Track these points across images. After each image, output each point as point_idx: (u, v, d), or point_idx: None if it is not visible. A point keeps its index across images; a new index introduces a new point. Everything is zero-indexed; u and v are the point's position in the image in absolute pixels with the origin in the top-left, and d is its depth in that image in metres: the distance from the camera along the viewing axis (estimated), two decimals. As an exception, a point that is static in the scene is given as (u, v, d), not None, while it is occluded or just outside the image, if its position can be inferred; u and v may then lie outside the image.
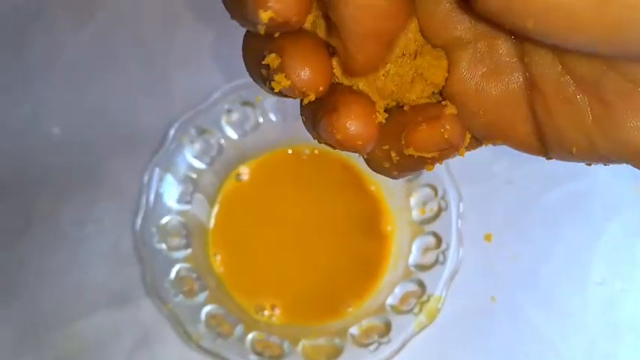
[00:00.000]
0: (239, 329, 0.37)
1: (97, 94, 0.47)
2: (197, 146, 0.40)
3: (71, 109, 0.46)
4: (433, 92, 0.17)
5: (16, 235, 0.43)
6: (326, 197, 0.42)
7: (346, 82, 0.16)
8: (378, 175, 0.42)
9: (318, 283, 0.41)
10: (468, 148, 0.17)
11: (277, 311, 0.40)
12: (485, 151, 0.47)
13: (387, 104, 0.16)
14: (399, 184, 0.41)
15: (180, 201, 0.40)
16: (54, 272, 0.42)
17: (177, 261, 0.38)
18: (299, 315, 0.40)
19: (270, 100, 0.41)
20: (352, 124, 0.15)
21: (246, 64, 0.16)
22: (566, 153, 0.16)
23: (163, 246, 0.38)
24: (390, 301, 0.38)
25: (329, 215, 0.42)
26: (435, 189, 0.40)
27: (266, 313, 0.40)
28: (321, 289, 0.41)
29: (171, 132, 0.39)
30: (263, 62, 0.14)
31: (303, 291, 0.40)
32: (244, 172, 0.42)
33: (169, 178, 0.39)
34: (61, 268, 0.42)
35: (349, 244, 0.41)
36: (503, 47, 0.15)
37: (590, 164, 0.16)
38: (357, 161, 0.42)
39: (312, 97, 0.15)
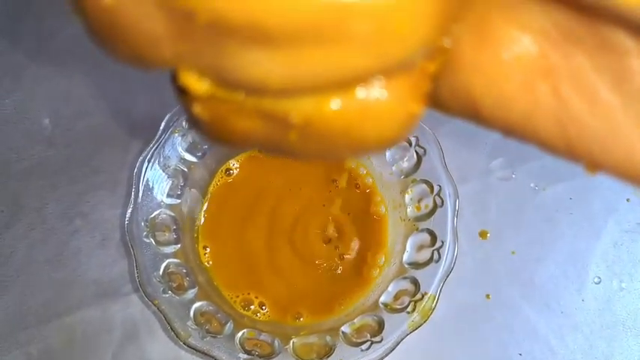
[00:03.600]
0: (229, 327, 0.36)
1: (88, 84, 0.46)
2: (189, 139, 0.39)
3: (61, 100, 0.46)
4: None
5: (2, 229, 0.42)
6: (318, 191, 0.41)
7: None
8: (373, 169, 0.41)
9: (309, 279, 0.40)
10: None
11: (265, 309, 0.39)
12: (481, 147, 0.47)
13: None
14: (394, 179, 0.40)
15: (170, 195, 0.39)
16: (41, 266, 0.41)
17: (166, 256, 0.37)
18: (288, 312, 0.39)
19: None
20: None
21: None
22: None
23: (152, 240, 0.37)
24: (383, 299, 0.37)
25: (321, 210, 0.41)
26: (430, 185, 0.39)
27: (252, 307, 0.39)
28: (312, 285, 0.40)
29: (162, 124, 0.38)
30: None
31: (293, 287, 0.40)
32: (234, 166, 0.42)
33: (159, 172, 0.38)
34: (49, 263, 0.42)
35: (341, 238, 0.41)
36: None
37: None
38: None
39: None
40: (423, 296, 0.37)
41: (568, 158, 0.12)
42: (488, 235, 0.44)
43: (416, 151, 0.40)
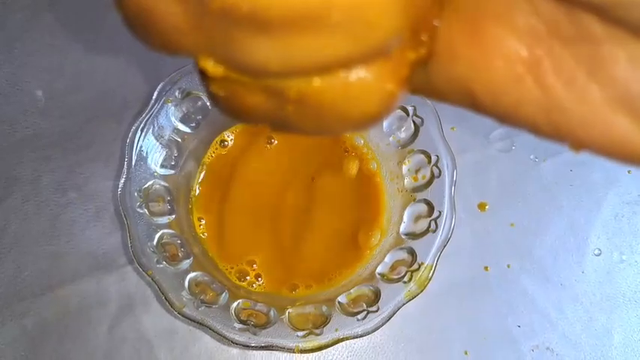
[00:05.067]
0: (224, 297, 0.36)
1: (82, 56, 0.45)
2: (182, 109, 0.39)
3: (54, 72, 0.45)
4: None
5: (-4, 200, 0.42)
6: (312, 162, 0.41)
7: None
8: (370, 139, 0.40)
9: (305, 250, 0.39)
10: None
11: (261, 280, 0.39)
12: (480, 118, 0.46)
13: None
14: (392, 150, 0.40)
15: (164, 165, 0.38)
16: (36, 239, 0.41)
17: (160, 227, 0.37)
18: (284, 283, 0.39)
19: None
20: None
21: None
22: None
23: (146, 211, 0.36)
24: (379, 269, 0.37)
25: (316, 181, 0.40)
26: (428, 155, 0.39)
27: (248, 278, 0.39)
28: (308, 257, 0.39)
29: (155, 93, 0.38)
30: None
31: (289, 259, 0.39)
32: (229, 137, 0.41)
33: (153, 142, 0.38)
34: (43, 235, 0.41)
35: (337, 210, 0.40)
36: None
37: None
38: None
39: None
40: (419, 266, 0.36)
41: (554, 139, 0.14)
42: (487, 207, 0.44)
43: (413, 121, 0.39)
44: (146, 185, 0.37)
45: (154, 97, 0.38)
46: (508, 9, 0.13)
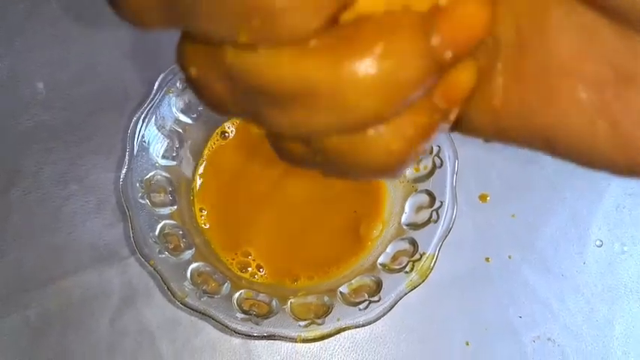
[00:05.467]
0: (226, 287, 0.36)
1: (83, 49, 0.45)
2: (183, 100, 0.39)
3: (55, 65, 0.45)
4: None
5: (-2, 193, 0.42)
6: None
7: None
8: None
9: (307, 241, 0.40)
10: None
11: (263, 271, 0.39)
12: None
13: None
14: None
15: (165, 156, 0.38)
16: (38, 231, 0.41)
17: (162, 217, 0.37)
18: (286, 274, 0.39)
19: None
20: None
21: None
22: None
23: (148, 202, 0.36)
24: (381, 260, 0.37)
25: (317, 174, 0.40)
26: (429, 146, 0.39)
27: (250, 269, 0.39)
28: (310, 248, 0.39)
29: (156, 84, 0.38)
30: None
31: (291, 250, 0.39)
32: (230, 129, 0.41)
33: (155, 132, 0.38)
34: (45, 227, 0.41)
35: (339, 202, 0.40)
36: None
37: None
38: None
39: None
40: (421, 256, 0.36)
41: (631, 176, 0.14)
42: (489, 198, 0.44)
43: (415, 112, 0.39)
44: (148, 176, 0.37)
45: (155, 87, 0.38)
46: (577, 63, 0.13)
